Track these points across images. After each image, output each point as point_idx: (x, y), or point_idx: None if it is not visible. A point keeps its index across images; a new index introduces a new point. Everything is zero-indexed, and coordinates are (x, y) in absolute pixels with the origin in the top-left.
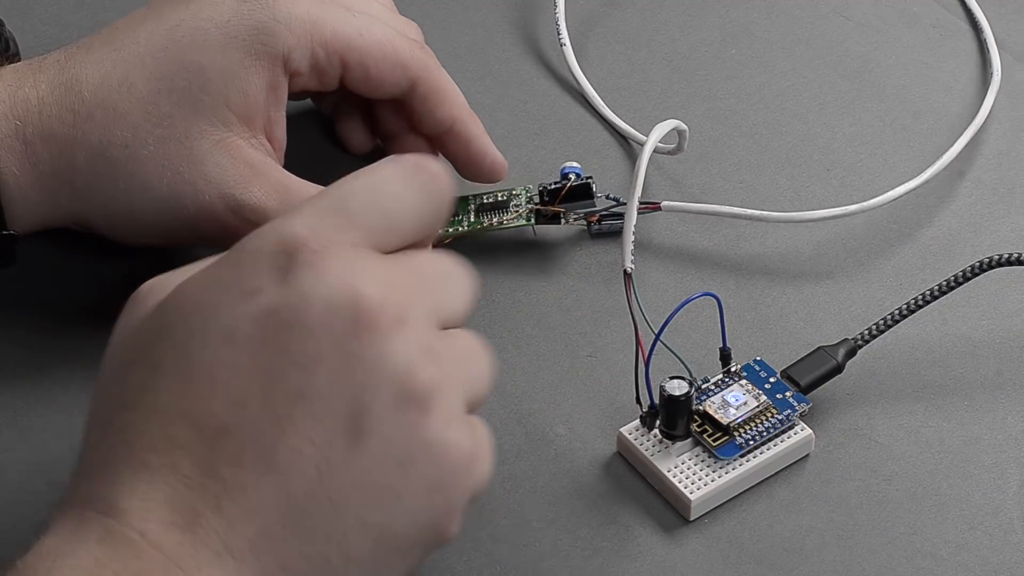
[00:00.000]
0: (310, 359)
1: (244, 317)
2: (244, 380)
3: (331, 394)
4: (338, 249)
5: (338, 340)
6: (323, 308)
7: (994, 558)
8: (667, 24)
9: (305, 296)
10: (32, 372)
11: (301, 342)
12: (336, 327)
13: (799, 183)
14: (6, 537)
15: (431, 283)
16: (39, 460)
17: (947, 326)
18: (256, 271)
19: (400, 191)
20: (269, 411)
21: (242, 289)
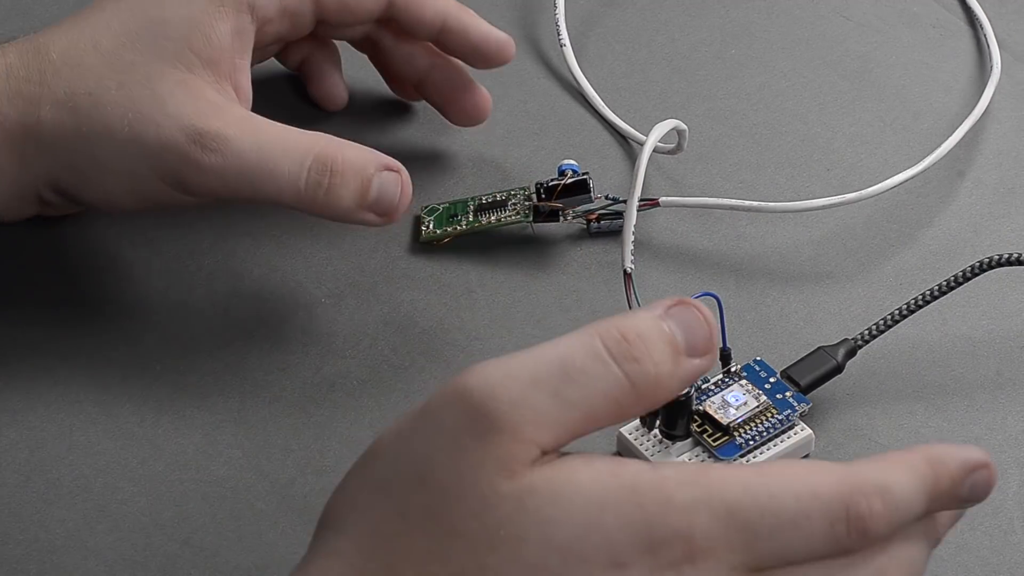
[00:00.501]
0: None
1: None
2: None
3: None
4: (712, 569)
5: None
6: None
7: (994, 558)
8: (667, 24)
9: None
10: (32, 372)
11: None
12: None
13: (799, 183)
14: (6, 537)
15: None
16: (39, 460)
17: (947, 326)
18: (637, 545)
19: (814, 531)
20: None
21: (616, 557)
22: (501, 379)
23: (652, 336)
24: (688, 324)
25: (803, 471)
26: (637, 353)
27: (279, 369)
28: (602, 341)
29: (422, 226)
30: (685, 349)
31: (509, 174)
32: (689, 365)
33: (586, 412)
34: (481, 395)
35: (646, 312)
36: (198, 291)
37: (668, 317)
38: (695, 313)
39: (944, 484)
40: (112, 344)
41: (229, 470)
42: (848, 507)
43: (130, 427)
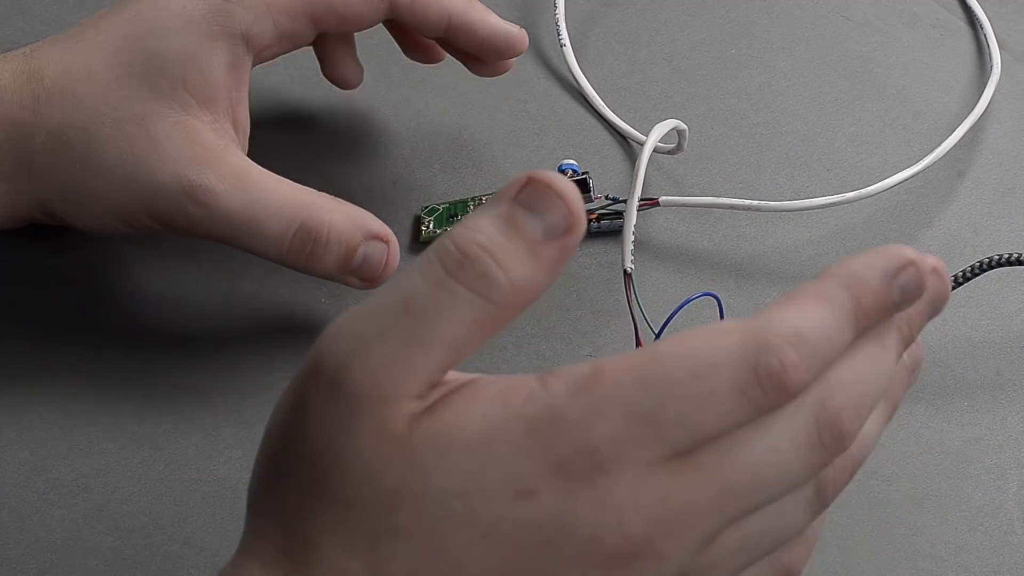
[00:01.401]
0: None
1: (509, 520)
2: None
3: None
4: (626, 470)
5: (585, 571)
6: (587, 538)
7: (994, 559)
8: (667, 24)
9: (576, 519)
10: (32, 372)
11: (551, 563)
12: (590, 559)
13: (799, 183)
14: (6, 537)
15: (738, 508)
16: (39, 460)
17: (947, 326)
18: (540, 470)
19: (723, 403)
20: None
21: (520, 487)
22: (350, 344)
23: (496, 240)
24: (540, 205)
25: (698, 342)
26: (482, 267)
27: (279, 369)
28: (442, 265)
29: (422, 226)
30: (543, 236)
31: (509, 174)
32: (551, 250)
33: (447, 346)
34: (334, 368)
35: (488, 210)
36: (198, 291)
37: (516, 206)
38: (545, 190)
39: (868, 302)
40: (112, 344)
41: (229, 470)
42: (756, 368)
43: (130, 427)
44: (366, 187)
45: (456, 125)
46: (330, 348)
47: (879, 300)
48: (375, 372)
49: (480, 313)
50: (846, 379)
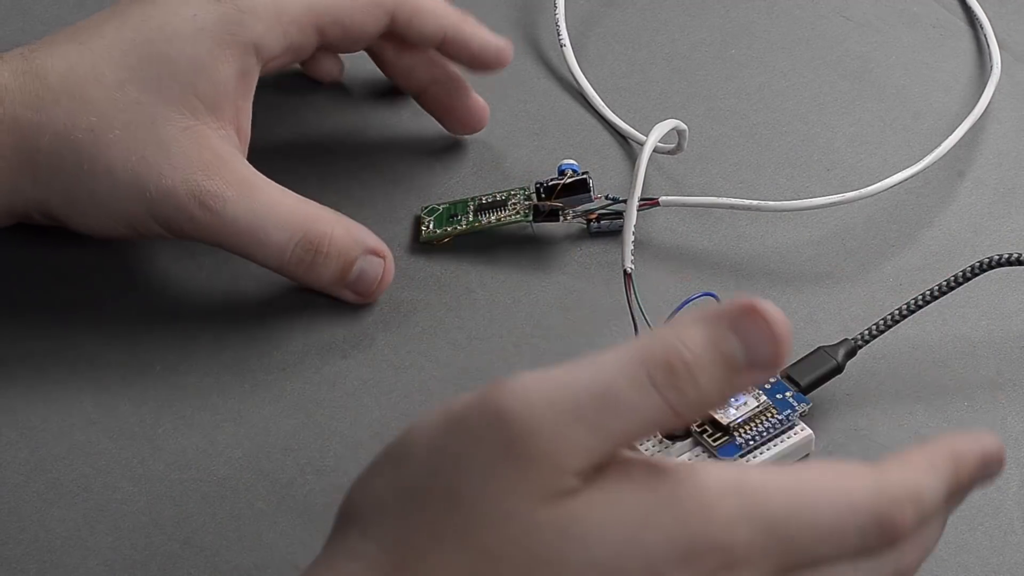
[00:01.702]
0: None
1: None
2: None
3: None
4: (748, 573)
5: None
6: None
7: (994, 558)
8: (667, 24)
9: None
10: (32, 372)
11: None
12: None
13: (799, 183)
14: (6, 537)
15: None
16: (39, 460)
17: (947, 326)
18: (676, 558)
19: (844, 540)
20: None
21: (654, 569)
22: (543, 407)
23: (703, 363)
24: (753, 340)
25: (838, 479)
26: (681, 384)
27: (279, 369)
28: (647, 371)
29: (422, 226)
30: (744, 367)
31: (509, 174)
32: (744, 379)
33: (625, 440)
34: (522, 424)
35: (703, 330)
36: (198, 291)
37: (732, 331)
38: (763, 327)
39: (964, 479)
40: (112, 344)
41: (229, 470)
42: (882, 518)
43: (130, 427)
44: (366, 187)
45: None
46: (521, 402)
47: (971, 480)
48: (562, 443)
49: (663, 419)
50: (927, 541)
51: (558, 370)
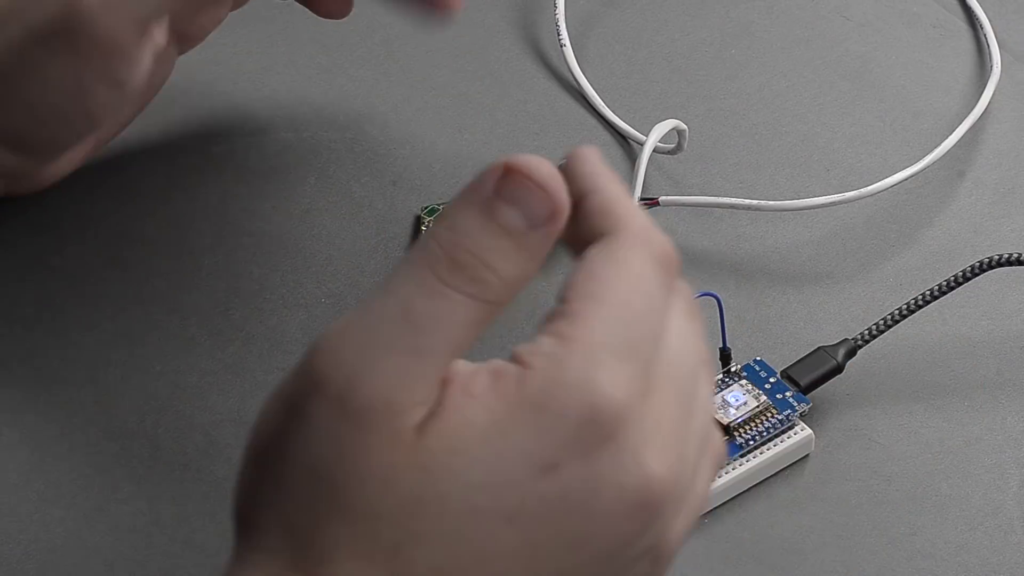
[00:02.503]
0: (581, 541)
1: (534, 496)
2: (509, 560)
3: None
4: (631, 411)
5: (617, 527)
6: (614, 494)
7: (994, 558)
8: (667, 24)
9: (600, 478)
10: (32, 372)
11: (580, 525)
12: (620, 512)
13: (799, 183)
14: (6, 537)
15: (688, 404)
16: (39, 460)
17: (947, 326)
18: (558, 442)
19: (660, 301)
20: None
21: (541, 463)
22: (352, 356)
23: (485, 245)
24: (523, 200)
25: (614, 267)
26: (472, 272)
27: (279, 369)
28: (433, 272)
29: (422, 226)
30: (526, 228)
31: None
32: (537, 239)
33: (449, 348)
34: (339, 381)
35: (469, 206)
36: (198, 291)
37: (497, 202)
38: (524, 181)
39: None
40: (112, 344)
41: (229, 470)
42: (667, 264)
43: (130, 427)
44: (366, 187)
45: (456, 125)
46: (332, 363)
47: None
48: (384, 387)
49: (476, 313)
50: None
51: (358, 310)
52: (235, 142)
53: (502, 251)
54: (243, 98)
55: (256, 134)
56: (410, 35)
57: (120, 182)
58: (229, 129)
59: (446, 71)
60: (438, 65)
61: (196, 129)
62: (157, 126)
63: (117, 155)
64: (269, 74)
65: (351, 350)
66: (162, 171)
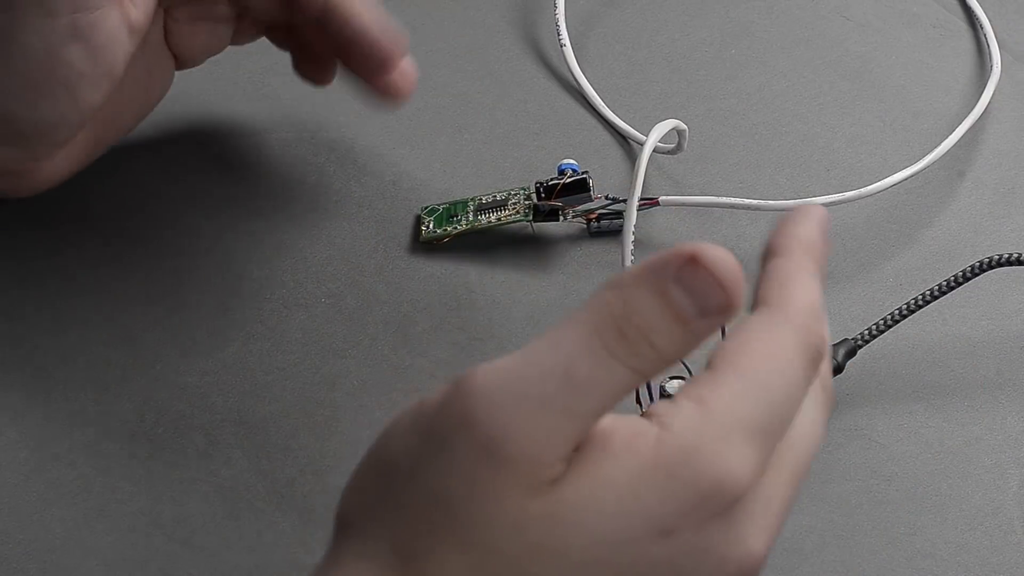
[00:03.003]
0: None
1: (647, 556)
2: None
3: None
4: (752, 499)
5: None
6: (714, 566)
7: (994, 558)
8: (667, 24)
9: (707, 550)
10: (32, 372)
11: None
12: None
13: (799, 183)
14: (6, 537)
15: (799, 488)
16: (39, 460)
17: (947, 326)
18: (681, 510)
19: (801, 391)
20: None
21: (662, 527)
22: (508, 404)
23: (654, 323)
24: (699, 289)
25: (763, 345)
26: (639, 348)
27: (279, 369)
28: (603, 342)
29: (422, 226)
30: (695, 316)
31: (509, 174)
32: (702, 327)
33: (600, 412)
34: (491, 426)
35: (647, 288)
36: (198, 291)
37: (674, 285)
38: (707, 275)
39: (819, 251)
40: (112, 344)
41: (229, 470)
42: (810, 352)
43: (130, 427)
44: (366, 187)
45: (456, 125)
46: (487, 406)
47: (822, 246)
48: (535, 442)
49: (629, 383)
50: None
51: (516, 358)
52: (235, 142)
53: (668, 333)
54: (243, 98)
55: (256, 134)
56: (410, 35)
57: (120, 182)
58: (229, 129)
59: (446, 71)
60: (438, 65)
61: (196, 129)
62: (157, 126)
63: (117, 155)
64: (269, 74)
65: (509, 398)
66: (162, 171)
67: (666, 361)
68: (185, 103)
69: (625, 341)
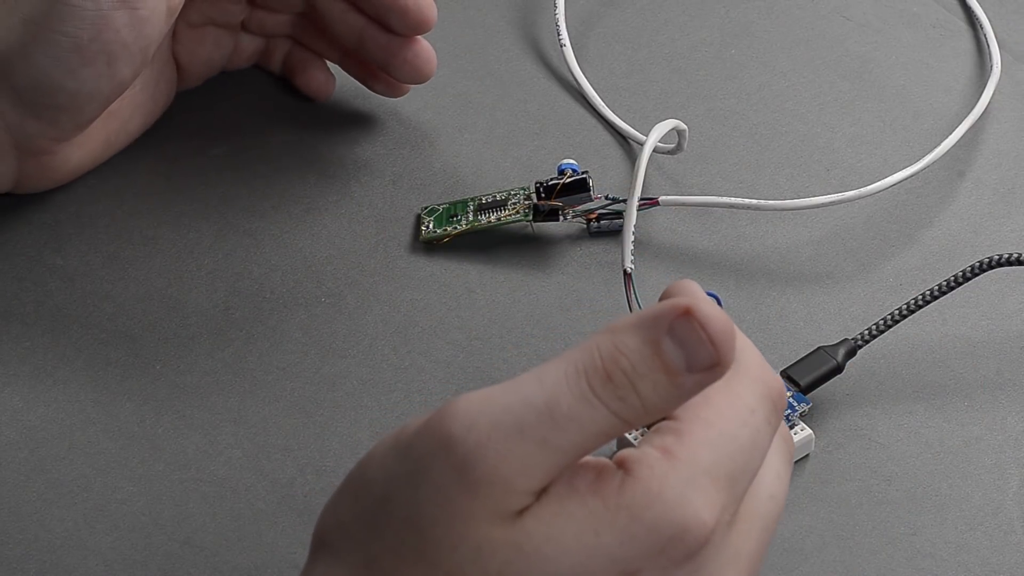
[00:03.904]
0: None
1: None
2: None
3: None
4: (719, 547)
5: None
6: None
7: (994, 558)
8: (667, 24)
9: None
10: (32, 372)
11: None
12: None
13: (799, 183)
14: (6, 537)
15: (768, 541)
16: (39, 460)
17: (947, 326)
18: (643, 552)
19: (766, 441)
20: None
21: (624, 568)
22: (487, 430)
23: (642, 371)
24: (690, 344)
25: (726, 396)
26: (623, 392)
27: (279, 369)
28: (588, 382)
29: (422, 226)
30: (684, 370)
31: (509, 174)
32: (688, 383)
33: (577, 450)
34: (467, 449)
35: (639, 336)
36: (198, 290)
37: (667, 337)
38: (696, 331)
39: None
40: (112, 344)
41: (229, 470)
42: (774, 399)
43: (130, 427)
44: (366, 187)
45: (456, 125)
46: (465, 429)
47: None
48: (508, 466)
49: (610, 426)
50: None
51: (501, 388)
52: (235, 142)
53: (654, 383)
54: (243, 98)
55: (256, 134)
56: None
57: (120, 182)
58: (229, 129)
59: (446, 71)
60: (438, 65)
61: (196, 129)
62: (157, 126)
63: (117, 155)
64: (270, 75)
65: (488, 422)
66: (162, 171)
67: (649, 412)
68: (185, 103)
69: (611, 385)
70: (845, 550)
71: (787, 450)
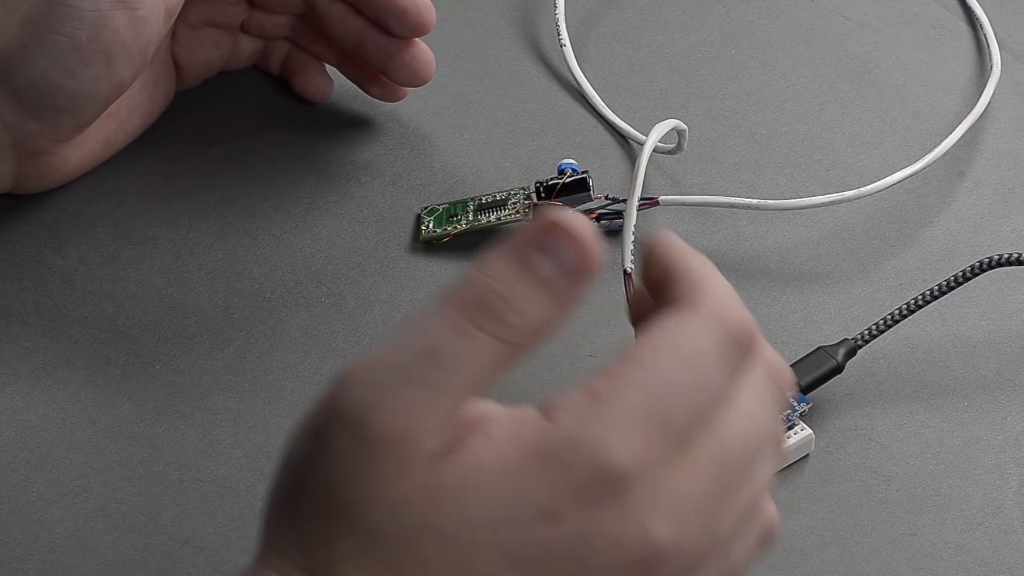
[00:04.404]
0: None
1: (535, 543)
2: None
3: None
4: (643, 478)
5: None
6: (613, 550)
7: (994, 558)
8: (667, 24)
9: (601, 534)
10: (32, 372)
11: (577, 573)
12: (617, 568)
13: (799, 183)
14: (6, 537)
15: (734, 481)
16: (39, 460)
17: (947, 326)
18: (561, 494)
19: (714, 377)
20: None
21: (542, 510)
22: (376, 390)
23: (516, 289)
24: (556, 251)
25: (672, 334)
26: (499, 313)
27: (279, 369)
28: (465, 315)
29: (422, 226)
30: (556, 276)
31: (509, 174)
32: (565, 288)
33: (467, 385)
34: (360, 412)
35: (502, 252)
36: (198, 290)
37: (528, 247)
38: (555, 230)
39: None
40: (112, 344)
41: (229, 470)
42: (732, 332)
43: (130, 427)
44: (366, 187)
45: (456, 125)
46: (351, 395)
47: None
48: (398, 418)
49: (498, 354)
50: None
51: (384, 347)
52: (234, 142)
53: (530, 296)
54: (243, 99)
55: (256, 134)
56: None
57: (120, 182)
58: (228, 129)
59: (446, 71)
60: (438, 65)
61: (196, 129)
62: (157, 126)
63: (117, 155)
64: (268, 75)
65: (372, 381)
66: (161, 171)
67: (534, 328)
68: (185, 103)
69: (489, 311)
70: (845, 550)
71: (763, 388)
